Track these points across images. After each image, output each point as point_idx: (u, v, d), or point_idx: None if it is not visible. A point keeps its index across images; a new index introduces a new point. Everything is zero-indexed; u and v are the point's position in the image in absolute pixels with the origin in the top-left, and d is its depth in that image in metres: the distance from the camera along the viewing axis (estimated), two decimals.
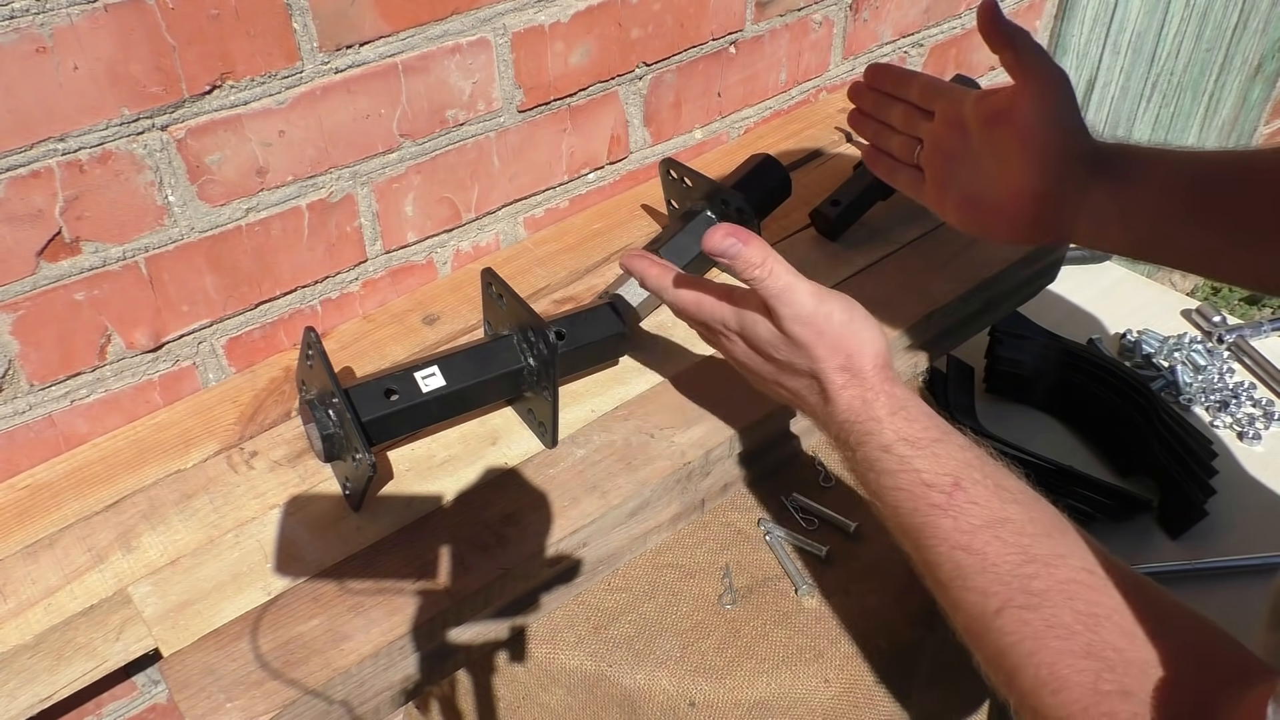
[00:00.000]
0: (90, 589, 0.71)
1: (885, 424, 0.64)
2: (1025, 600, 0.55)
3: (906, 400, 0.66)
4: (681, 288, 0.74)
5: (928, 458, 0.62)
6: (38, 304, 0.77)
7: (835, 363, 0.67)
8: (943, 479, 0.61)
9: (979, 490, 0.60)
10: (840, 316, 0.67)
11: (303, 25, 0.80)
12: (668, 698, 0.78)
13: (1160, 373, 1.32)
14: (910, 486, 0.62)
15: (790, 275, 0.67)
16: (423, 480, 0.79)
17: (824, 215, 1.02)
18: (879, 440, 0.64)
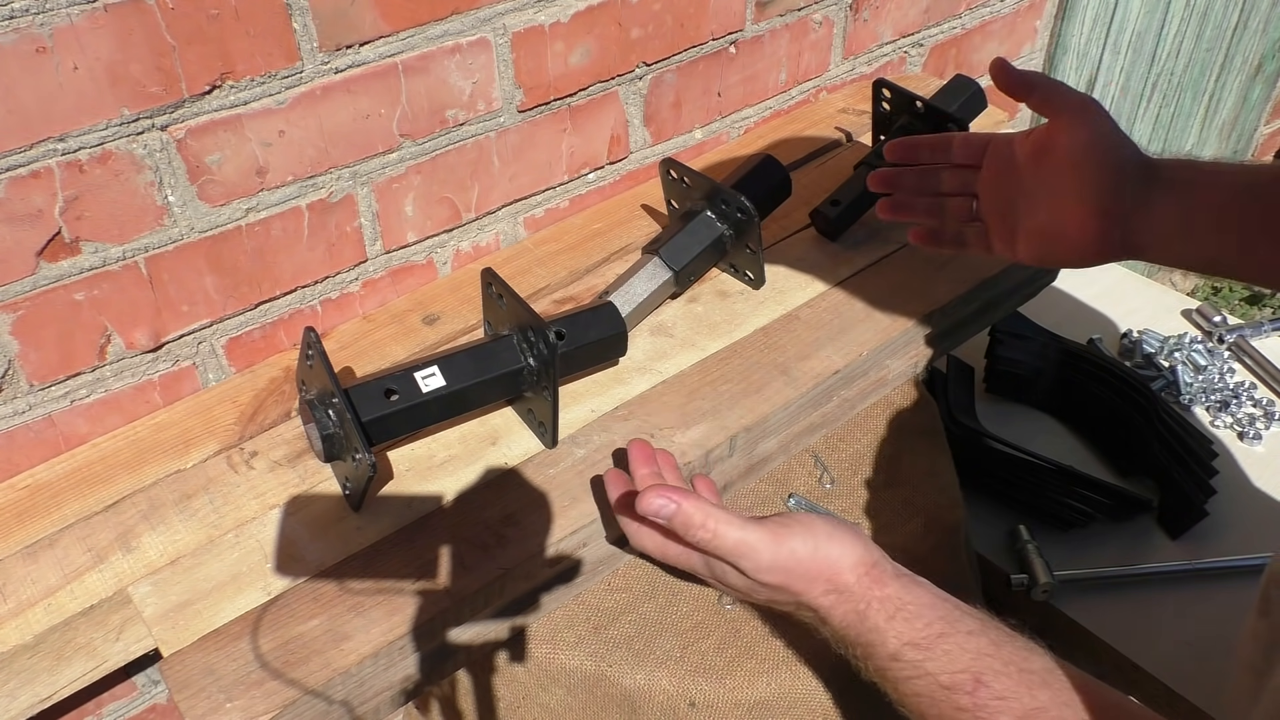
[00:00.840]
0: (90, 589, 0.71)
1: (886, 632, 0.62)
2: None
3: (902, 599, 0.63)
4: (644, 532, 0.71)
5: (939, 658, 0.60)
6: (38, 304, 0.77)
7: (817, 590, 0.65)
8: (961, 678, 0.58)
9: (1002, 682, 0.58)
10: (804, 549, 0.65)
11: (303, 25, 0.80)
12: (668, 698, 0.78)
13: (1160, 373, 1.32)
14: (929, 692, 0.59)
15: (738, 529, 0.64)
16: (423, 480, 0.79)
17: (824, 215, 1.02)
18: (885, 650, 0.62)
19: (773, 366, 0.89)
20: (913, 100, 1.02)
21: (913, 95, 1.02)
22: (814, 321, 0.94)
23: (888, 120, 1.09)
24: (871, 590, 0.64)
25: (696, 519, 0.64)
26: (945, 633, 0.60)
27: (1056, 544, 1.09)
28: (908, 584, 0.64)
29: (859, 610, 0.64)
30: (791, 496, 0.91)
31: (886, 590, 0.64)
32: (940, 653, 0.60)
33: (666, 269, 0.92)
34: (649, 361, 0.90)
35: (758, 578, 0.65)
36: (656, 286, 0.92)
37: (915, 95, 1.02)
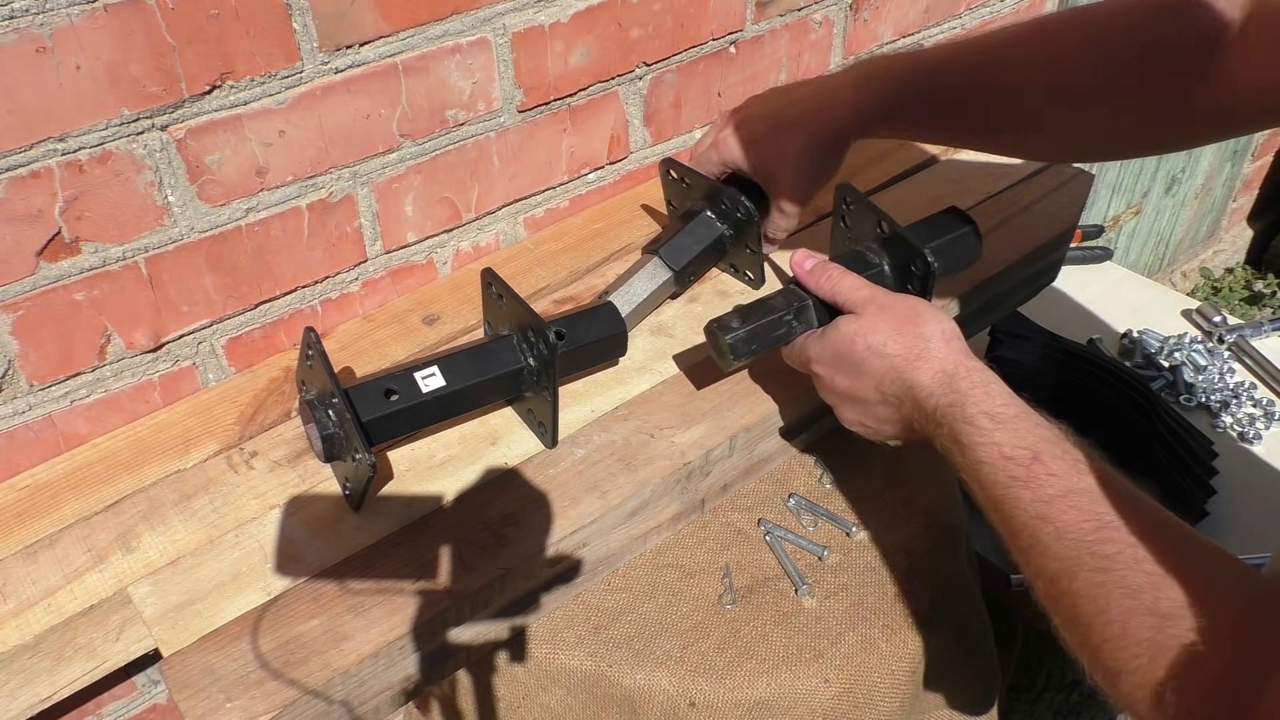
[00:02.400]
0: (90, 589, 0.71)
1: (969, 396, 0.68)
2: (1096, 564, 0.58)
3: (985, 376, 0.70)
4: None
5: (1007, 431, 0.66)
6: (38, 304, 0.77)
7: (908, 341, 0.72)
8: (1021, 452, 0.64)
9: (1057, 463, 0.63)
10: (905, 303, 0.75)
11: (303, 25, 0.80)
12: (668, 698, 0.78)
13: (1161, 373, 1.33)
14: (991, 459, 0.65)
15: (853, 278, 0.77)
16: (423, 480, 0.79)
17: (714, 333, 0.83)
18: (962, 413, 0.68)
19: (773, 366, 0.89)
20: (878, 222, 0.87)
21: (880, 215, 0.86)
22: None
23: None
24: (960, 359, 0.71)
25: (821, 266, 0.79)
26: (1018, 414, 0.67)
27: None
28: (986, 367, 0.71)
29: (948, 372, 0.70)
30: (791, 496, 0.91)
31: (973, 363, 0.71)
32: (1010, 428, 0.66)
33: (666, 269, 0.92)
34: (649, 361, 0.90)
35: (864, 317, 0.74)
36: (656, 286, 0.92)
37: (883, 215, 0.86)
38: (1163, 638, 0.53)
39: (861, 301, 0.75)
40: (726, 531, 0.88)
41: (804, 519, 0.90)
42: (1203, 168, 2.38)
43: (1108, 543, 0.58)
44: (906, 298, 0.76)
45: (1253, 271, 2.74)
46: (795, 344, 0.80)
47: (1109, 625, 0.56)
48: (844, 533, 0.89)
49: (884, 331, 0.73)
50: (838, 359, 0.75)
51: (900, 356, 0.72)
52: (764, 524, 0.89)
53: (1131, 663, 0.55)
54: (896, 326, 0.73)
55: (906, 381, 0.72)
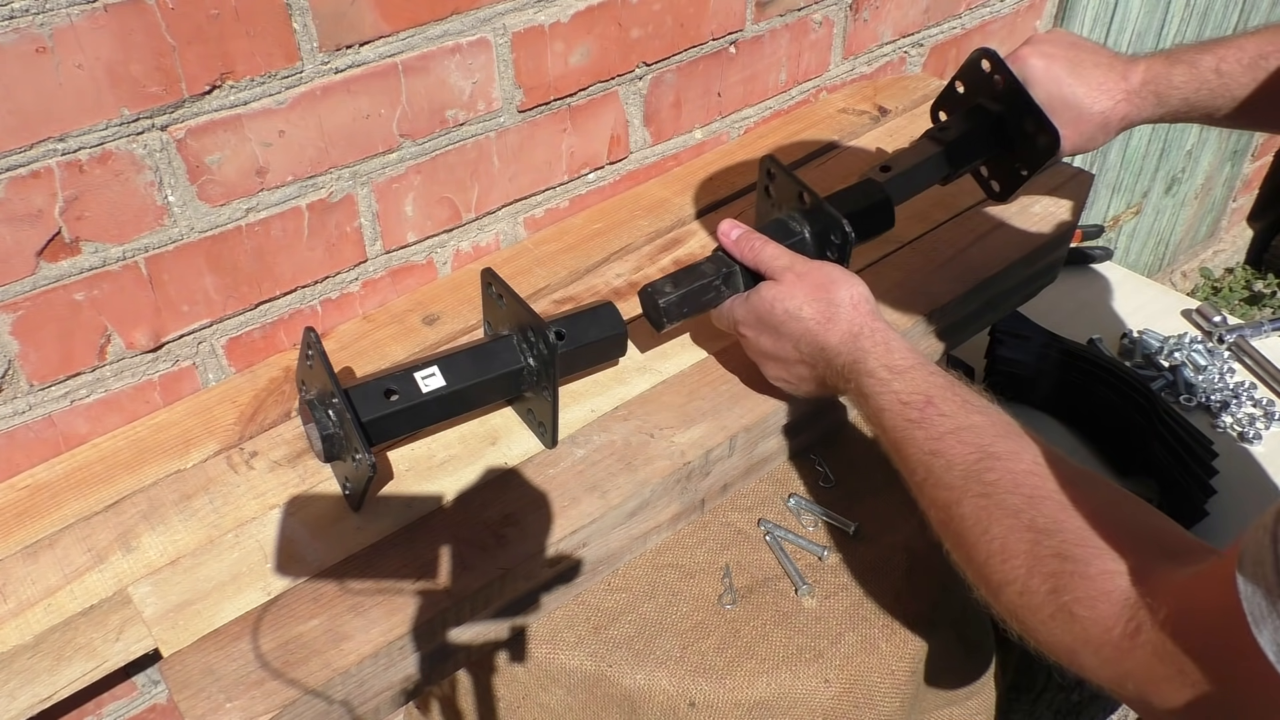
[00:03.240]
0: (90, 589, 0.71)
1: (870, 354, 0.76)
2: (980, 489, 0.64)
3: (888, 334, 0.77)
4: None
5: (904, 381, 0.73)
6: (38, 304, 0.77)
7: (821, 304, 0.78)
8: (916, 397, 0.72)
9: (947, 404, 0.70)
10: (821, 270, 0.80)
11: (303, 25, 0.80)
12: (668, 698, 0.78)
13: (1161, 373, 1.32)
14: (890, 406, 0.73)
15: (774, 245, 0.82)
16: (423, 480, 0.79)
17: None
18: (864, 367, 0.75)
19: None
20: (799, 193, 0.89)
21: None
22: None
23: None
24: (865, 320, 0.78)
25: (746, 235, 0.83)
26: (913, 365, 0.74)
27: None
28: (889, 328, 0.78)
29: (853, 332, 0.77)
30: (791, 496, 0.91)
31: (877, 324, 0.78)
32: (906, 378, 0.73)
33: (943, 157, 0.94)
34: (649, 361, 0.90)
35: (783, 283, 0.80)
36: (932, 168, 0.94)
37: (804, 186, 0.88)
38: (1039, 550, 0.59)
39: (781, 269, 0.81)
40: (726, 531, 0.88)
41: (804, 519, 0.90)
42: (1203, 168, 2.38)
43: (990, 470, 0.64)
44: (822, 265, 0.81)
45: (1253, 271, 2.74)
46: (722, 307, 0.85)
47: (991, 542, 0.62)
48: (844, 533, 0.89)
49: (800, 297, 0.79)
50: (760, 322, 0.81)
51: (814, 320, 0.78)
52: (764, 524, 0.89)
53: (1011, 574, 0.60)
54: (811, 293, 0.79)
55: (819, 343, 0.78)
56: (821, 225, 0.86)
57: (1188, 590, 0.51)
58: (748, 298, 0.83)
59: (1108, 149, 2.05)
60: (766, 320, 0.81)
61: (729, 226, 0.85)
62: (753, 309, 0.82)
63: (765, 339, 0.82)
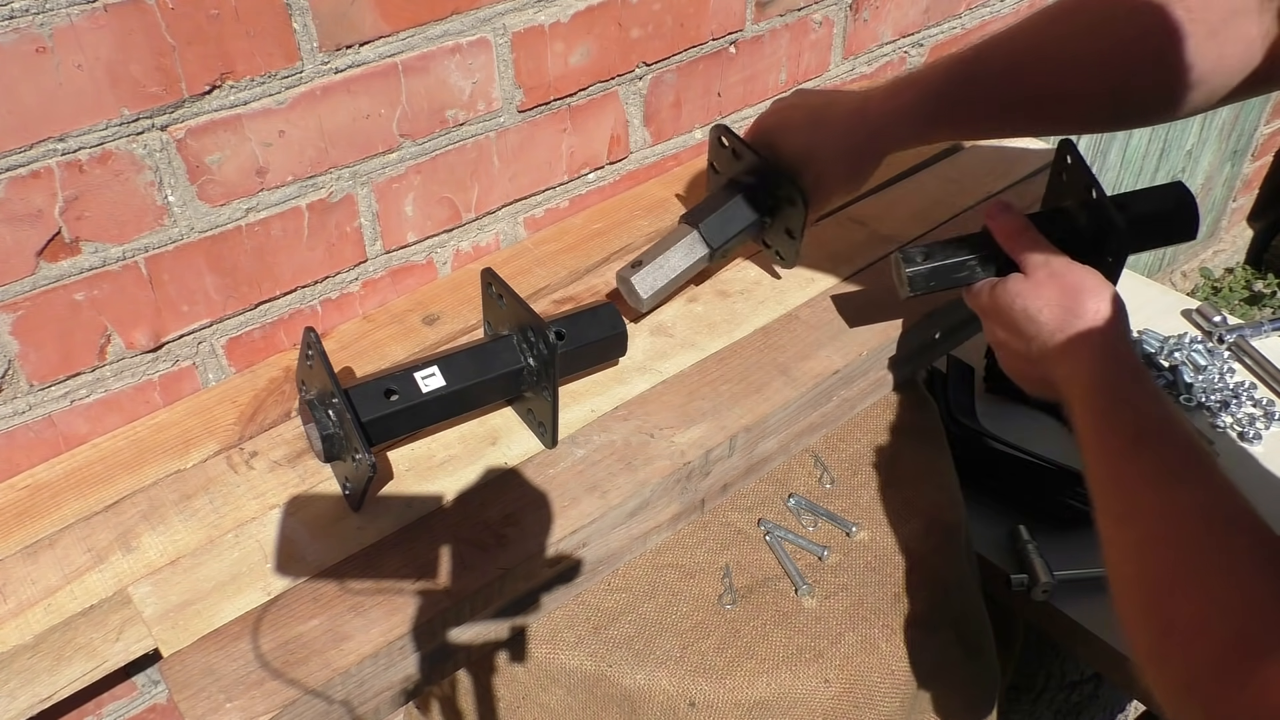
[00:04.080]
0: (90, 589, 0.71)
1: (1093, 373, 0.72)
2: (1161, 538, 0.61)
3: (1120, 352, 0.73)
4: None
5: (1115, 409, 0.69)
6: (38, 304, 0.77)
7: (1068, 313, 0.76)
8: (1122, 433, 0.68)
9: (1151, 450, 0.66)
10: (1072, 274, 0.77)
11: (303, 25, 0.80)
12: (668, 698, 0.78)
13: (1161, 373, 1.32)
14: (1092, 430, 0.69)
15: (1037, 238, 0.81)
16: (423, 480, 0.79)
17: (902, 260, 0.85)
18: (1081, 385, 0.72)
19: (773, 366, 0.89)
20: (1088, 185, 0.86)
21: (1092, 180, 0.85)
22: (814, 321, 0.94)
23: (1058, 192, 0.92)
24: (1100, 339, 0.74)
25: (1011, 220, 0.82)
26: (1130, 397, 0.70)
27: (1056, 544, 1.09)
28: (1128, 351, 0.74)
29: (1084, 346, 0.74)
30: (791, 496, 0.91)
31: (1113, 343, 0.74)
32: (1117, 408, 0.69)
33: (704, 245, 0.91)
34: (649, 361, 0.90)
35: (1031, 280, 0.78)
36: (691, 263, 0.91)
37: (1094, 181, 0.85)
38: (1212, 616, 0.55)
39: (1035, 265, 0.79)
40: (726, 531, 0.88)
41: (804, 519, 0.90)
42: (1203, 168, 2.38)
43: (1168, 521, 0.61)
44: (1079, 270, 0.78)
45: (1253, 271, 2.74)
46: (974, 288, 0.84)
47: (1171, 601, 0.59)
48: (844, 533, 0.89)
49: (1043, 299, 0.77)
50: (999, 313, 0.80)
51: (1048, 326, 0.76)
52: (764, 524, 0.89)
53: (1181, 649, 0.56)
54: (1056, 297, 0.76)
55: (1047, 349, 0.76)
56: (1099, 225, 0.83)
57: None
58: (995, 286, 0.81)
59: (1108, 149, 2.05)
60: (1005, 314, 0.79)
61: (997, 209, 0.83)
62: (996, 299, 0.80)
63: (1001, 331, 0.81)
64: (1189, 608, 0.56)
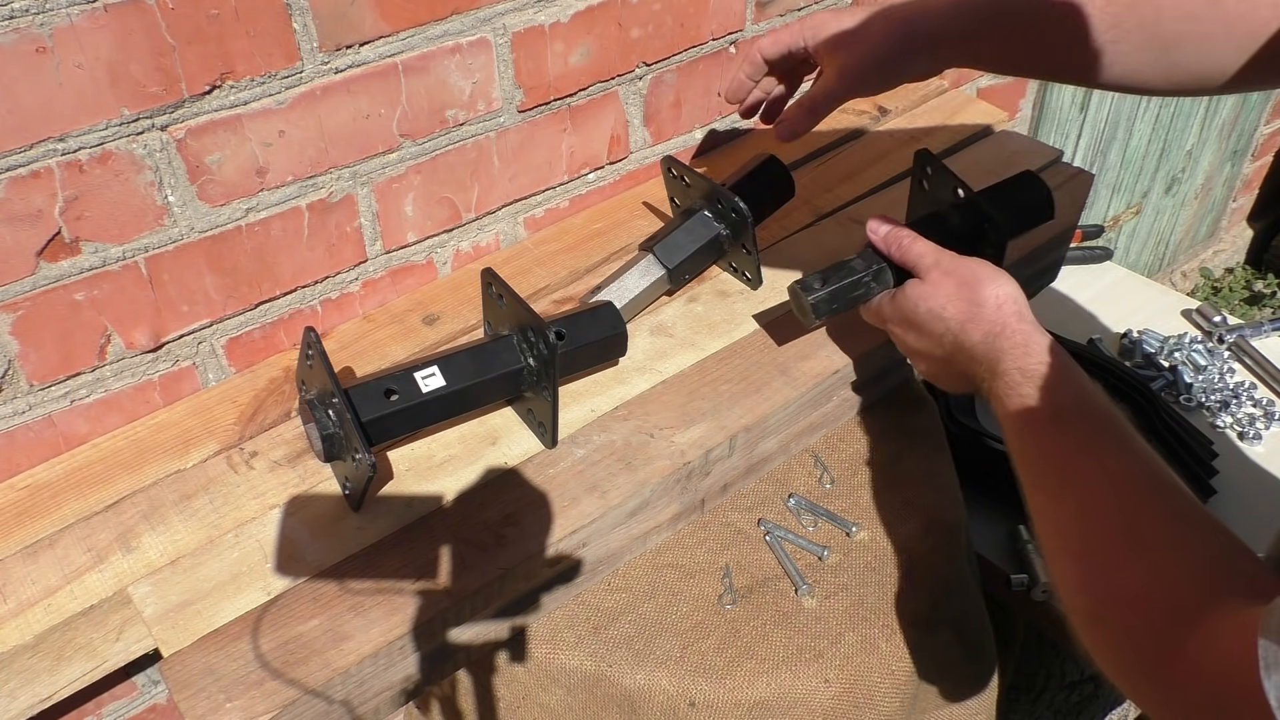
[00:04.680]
0: (90, 589, 0.71)
1: (1007, 354, 0.74)
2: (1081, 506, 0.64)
3: (1029, 337, 0.74)
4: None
5: (1034, 386, 0.71)
6: (38, 304, 0.77)
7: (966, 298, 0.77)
8: (1042, 407, 0.70)
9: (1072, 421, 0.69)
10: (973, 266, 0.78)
11: (303, 25, 0.80)
12: (668, 698, 0.78)
13: (1161, 373, 1.32)
14: (1016, 411, 0.72)
15: (922, 242, 0.81)
16: (423, 480, 0.79)
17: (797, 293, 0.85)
18: (999, 367, 0.74)
19: (773, 366, 0.89)
20: (955, 188, 0.87)
21: (957, 179, 0.87)
22: None
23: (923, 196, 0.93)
24: (1008, 320, 0.75)
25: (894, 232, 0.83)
26: (1050, 371, 0.71)
27: None
28: (1035, 329, 0.75)
29: (994, 332, 0.75)
30: (791, 496, 0.91)
31: (1020, 324, 0.75)
32: (1038, 385, 0.71)
33: (660, 266, 0.92)
34: (649, 361, 0.90)
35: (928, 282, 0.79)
36: (649, 284, 0.92)
37: (959, 180, 0.87)
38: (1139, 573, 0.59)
39: (927, 267, 0.80)
40: (726, 531, 0.88)
41: (804, 519, 0.90)
42: (1203, 168, 2.38)
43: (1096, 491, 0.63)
44: (970, 262, 0.79)
45: (1253, 271, 2.74)
46: (871, 304, 0.85)
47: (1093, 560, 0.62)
48: (844, 533, 0.89)
49: (943, 296, 0.78)
50: (905, 320, 0.81)
51: (955, 319, 0.77)
52: (764, 524, 0.89)
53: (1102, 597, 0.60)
54: (955, 291, 0.77)
55: (959, 342, 0.77)
56: (974, 221, 0.85)
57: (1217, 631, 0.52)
58: (894, 295, 0.82)
59: (1108, 150, 2.05)
60: (911, 319, 0.80)
61: (877, 223, 0.84)
62: (898, 308, 0.81)
63: (911, 337, 0.82)
64: (1128, 575, 0.59)
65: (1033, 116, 1.79)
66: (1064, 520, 0.65)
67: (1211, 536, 0.59)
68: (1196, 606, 0.54)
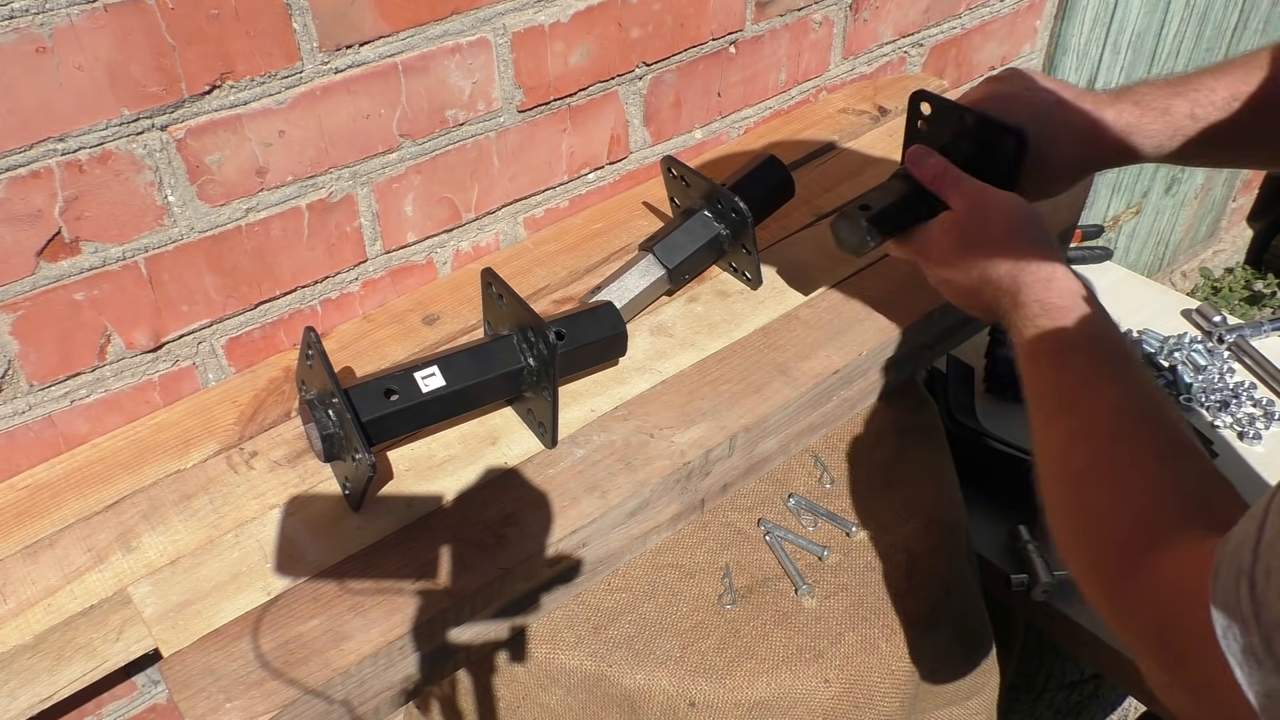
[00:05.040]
0: (90, 589, 0.71)
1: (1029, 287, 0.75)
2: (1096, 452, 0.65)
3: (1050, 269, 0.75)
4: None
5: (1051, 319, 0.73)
6: (38, 304, 0.77)
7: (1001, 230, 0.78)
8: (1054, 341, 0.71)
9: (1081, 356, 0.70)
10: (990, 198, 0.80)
11: (303, 25, 0.80)
12: (668, 698, 0.78)
13: (1161, 373, 1.32)
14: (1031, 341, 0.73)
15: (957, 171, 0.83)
16: (423, 480, 0.79)
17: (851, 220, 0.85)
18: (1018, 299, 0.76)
19: (773, 366, 0.89)
20: (961, 113, 0.86)
21: (961, 107, 0.86)
22: (814, 321, 0.94)
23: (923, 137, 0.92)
24: (1029, 250, 0.76)
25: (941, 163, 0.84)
26: (1069, 305, 0.73)
27: None
28: (1058, 262, 0.76)
29: (1018, 263, 0.76)
30: (791, 496, 0.91)
31: (1041, 253, 0.76)
32: (1054, 318, 0.72)
33: (660, 266, 0.92)
34: (649, 361, 0.90)
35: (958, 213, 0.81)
36: (649, 284, 0.92)
37: (964, 108, 0.86)
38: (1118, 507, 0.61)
39: (962, 195, 0.81)
40: (726, 531, 0.88)
41: (804, 519, 0.90)
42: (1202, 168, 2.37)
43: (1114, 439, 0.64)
44: (999, 194, 0.80)
45: (1253, 271, 2.74)
46: (909, 237, 0.86)
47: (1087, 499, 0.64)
48: (844, 533, 0.89)
49: (973, 226, 0.80)
50: (939, 251, 0.83)
51: (982, 251, 0.78)
52: (764, 524, 0.89)
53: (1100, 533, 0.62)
54: (984, 222, 0.79)
55: (986, 274, 0.78)
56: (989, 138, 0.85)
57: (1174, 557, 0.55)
58: (928, 226, 0.83)
59: None
60: (941, 251, 0.82)
61: (920, 153, 0.85)
62: (931, 239, 0.83)
63: (941, 269, 0.83)
64: (1101, 498, 0.62)
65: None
66: (1058, 442, 0.67)
67: (1193, 473, 0.61)
68: (1161, 532, 0.57)
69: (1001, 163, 0.84)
